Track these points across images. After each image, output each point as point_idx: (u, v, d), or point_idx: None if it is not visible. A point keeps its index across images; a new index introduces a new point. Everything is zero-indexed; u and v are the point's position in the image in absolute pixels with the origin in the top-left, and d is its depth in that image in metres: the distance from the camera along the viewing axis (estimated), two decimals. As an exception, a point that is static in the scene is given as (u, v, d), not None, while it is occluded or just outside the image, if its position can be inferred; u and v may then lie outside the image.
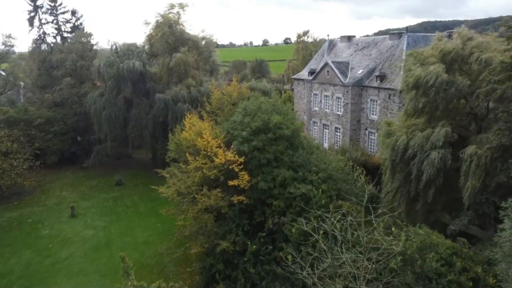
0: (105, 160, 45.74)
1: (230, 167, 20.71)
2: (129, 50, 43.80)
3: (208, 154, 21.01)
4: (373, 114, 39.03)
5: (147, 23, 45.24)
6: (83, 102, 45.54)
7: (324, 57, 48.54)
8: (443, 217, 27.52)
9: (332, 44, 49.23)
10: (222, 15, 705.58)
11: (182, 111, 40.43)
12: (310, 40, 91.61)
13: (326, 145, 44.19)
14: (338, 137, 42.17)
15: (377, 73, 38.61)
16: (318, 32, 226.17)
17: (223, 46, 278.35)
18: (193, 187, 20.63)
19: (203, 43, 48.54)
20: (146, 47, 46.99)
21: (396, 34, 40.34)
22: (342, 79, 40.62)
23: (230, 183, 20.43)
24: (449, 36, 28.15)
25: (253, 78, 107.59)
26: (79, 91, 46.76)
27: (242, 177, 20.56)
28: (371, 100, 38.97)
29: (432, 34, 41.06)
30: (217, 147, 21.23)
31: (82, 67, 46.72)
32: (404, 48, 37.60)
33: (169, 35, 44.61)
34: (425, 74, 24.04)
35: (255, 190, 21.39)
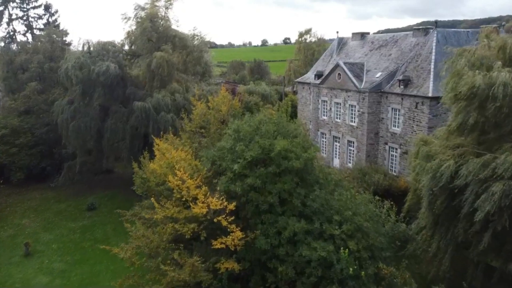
0: (78, 178, 39.01)
1: (216, 220, 14.10)
2: (104, 50, 37.14)
3: (184, 198, 14.41)
4: (394, 126, 32.44)
5: (126, 18, 38.53)
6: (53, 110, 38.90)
7: (333, 58, 41.94)
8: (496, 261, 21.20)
9: (342, 42, 42.64)
10: (221, 16, 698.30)
11: (166, 122, 33.92)
12: (313, 39, 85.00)
13: (336, 161, 37.60)
14: (352, 152, 35.57)
15: (399, 77, 32.04)
16: (320, 31, 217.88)
17: (222, 46, 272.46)
18: (161, 247, 14.02)
19: (195, 42, 41.89)
20: (126, 46, 40.33)
21: (422, 29, 33.76)
22: (356, 84, 34.03)
23: (215, 244, 13.84)
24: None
25: (252, 81, 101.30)
26: (48, 97, 40.07)
27: (233, 233, 13.94)
28: (392, 109, 32.38)
29: (464, 30, 34.55)
30: (197, 188, 14.61)
31: (51, 70, 39.98)
32: (434, 47, 31.02)
33: (150, 31, 37.96)
34: (485, 81, 17.57)
35: (252, 249, 14.82)
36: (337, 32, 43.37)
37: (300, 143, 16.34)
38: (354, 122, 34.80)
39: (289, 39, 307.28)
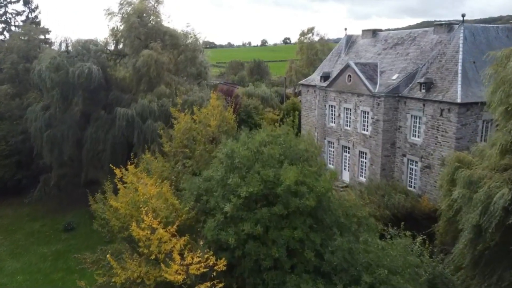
0: (55, 193, 34.78)
1: (197, 286, 9.91)
2: (84, 49, 32.91)
3: (152, 254, 10.25)
4: (414, 135, 28.28)
5: (110, 14, 34.40)
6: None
7: (341, 57, 37.76)
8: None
9: (351, 40, 38.44)
10: (220, 16, 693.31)
11: (153, 131, 29.76)
12: (315, 38, 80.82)
13: (346, 174, 33.40)
14: (364, 165, 31.38)
15: (420, 79, 27.89)
16: (322, 30, 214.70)
17: (221, 46, 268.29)
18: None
19: (188, 40, 37.71)
20: (111, 45, 36.12)
21: (444, 25, 29.56)
22: (370, 87, 29.85)
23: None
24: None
25: (251, 82, 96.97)
26: (23, 102, 35.86)
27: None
28: (412, 116, 28.22)
29: (493, 26, 30.39)
30: (172, 237, 10.44)
31: (26, 71, 35.72)
32: (461, 45, 26.85)
33: (138, 28, 33.79)
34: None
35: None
36: (345, 29, 39.31)
37: (314, 173, 12.17)
38: (367, 131, 30.61)
39: (289, 39, 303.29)
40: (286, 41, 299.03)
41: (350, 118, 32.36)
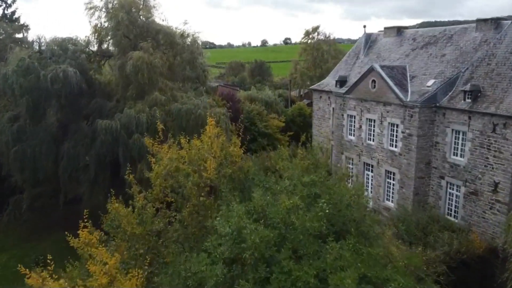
0: (27, 217, 29.82)
1: None
2: (61, 49, 28.02)
3: None
4: (456, 154, 23.40)
5: (92, 8, 29.58)
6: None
7: (359, 59, 32.88)
8: None
9: (370, 40, 33.53)
10: (219, 16, 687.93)
11: (141, 148, 24.83)
12: (321, 37, 75.79)
13: (369, 198, 28.43)
14: (392, 187, 26.49)
15: (464, 87, 23.03)
16: (327, 29, 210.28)
17: (221, 46, 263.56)
18: None
19: (188, 40, 32.87)
20: (95, 45, 31.17)
21: (490, 21, 24.67)
22: (401, 95, 24.96)
23: None
24: None
25: (252, 84, 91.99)
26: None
27: None
28: (453, 131, 23.33)
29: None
30: None
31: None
32: (516, 44, 22.00)
33: (127, 26, 28.92)
34: None
35: None
36: (364, 27, 34.40)
37: (380, 253, 7.30)
38: (396, 147, 25.72)
39: (289, 39, 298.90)
40: (286, 41, 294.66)
41: (374, 131, 27.45)
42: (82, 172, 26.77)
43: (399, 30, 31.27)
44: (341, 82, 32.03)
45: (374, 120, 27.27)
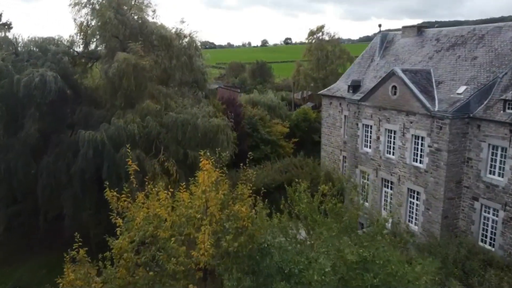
0: (3, 240, 26.59)
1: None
2: (41, 50, 24.84)
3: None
4: (493, 172, 20.24)
5: (77, 4, 26.41)
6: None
7: (375, 62, 29.71)
8: None
9: (386, 40, 30.36)
10: (219, 17, 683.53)
11: (126, 164, 21.64)
12: (326, 37, 72.44)
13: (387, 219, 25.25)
14: (416, 208, 23.33)
15: (503, 95, 19.88)
16: (332, 29, 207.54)
17: (221, 46, 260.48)
18: None
19: (185, 41, 29.75)
20: (80, 45, 27.95)
21: (531, 19, 21.45)
22: (427, 104, 21.79)
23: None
24: None
25: (254, 86, 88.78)
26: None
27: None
28: (490, 146, 20.17)
29: None
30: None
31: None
32: None
33: (116, 25, 25.75)
34: None
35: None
36: (380, 26, 31.15)
37: None
38: (422, 163, 22.55)
39: (290, 39, 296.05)
40: (287, 41, 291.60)
41: (394, 144, 24.28)
42: (65, 188, 23.59)
43: (420, 30, 28.10)
44: (354, 87, 28.90)
45: (395, 131, 24.09)
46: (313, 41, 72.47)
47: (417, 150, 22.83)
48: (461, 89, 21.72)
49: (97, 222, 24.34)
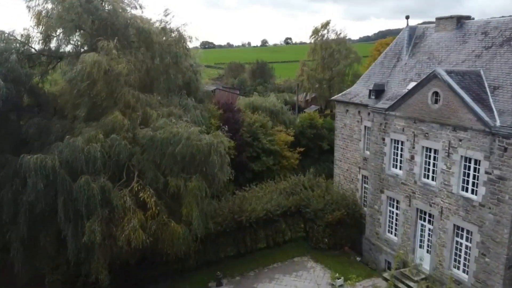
0: None
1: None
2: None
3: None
4: None
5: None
6: None
7: (402, 61, 24.39)
8: None
9: (415, 35, 24.98)
10: (218, 17, 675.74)
11: (92, 198, 16.37)
12: (331, 35, 67.06)
13: (425, 257, 19.88)
14: (466, 252, 17.97)
15: None
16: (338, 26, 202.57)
17: (220, 46, 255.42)
18: None
19: (172, 36, 24.45)
20: (39, 42, 22.45)
21: None
22: (485, 117, 16.46)
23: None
24: None
25: (254, 87, 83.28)
26: None
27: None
28: None
29: None
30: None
31: None
32: None
33: (81, 14, 20.49)
34: None
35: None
36: (407, 18, 25.74)
37: None
38: (475, 194, 17.20)
39: (290, 39, 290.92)
40: (287, 41, 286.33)
41: (436, 167, 18.92)
42: (10, 227, 18.26)
43: (460, 21, 22.71)
44: (377, 92, 23.63)
45: (437, 151, 18.73)
46: (318, 39, 67.26)
47: (469, 177, 17.47)
48: (530, 97, 16.39)
49: (54, 266, 19.22)
